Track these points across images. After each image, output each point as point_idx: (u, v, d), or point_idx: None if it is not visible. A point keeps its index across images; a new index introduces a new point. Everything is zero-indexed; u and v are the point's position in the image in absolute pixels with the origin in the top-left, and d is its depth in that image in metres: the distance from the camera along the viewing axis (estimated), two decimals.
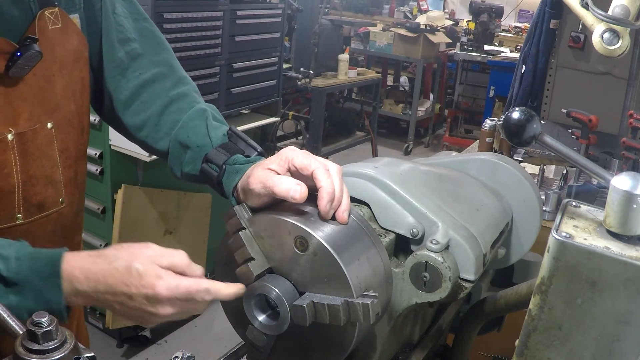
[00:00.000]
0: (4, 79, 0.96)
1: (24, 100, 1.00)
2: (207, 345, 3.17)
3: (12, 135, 0.99)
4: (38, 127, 1.03)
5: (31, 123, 1.01)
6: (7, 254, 0.83)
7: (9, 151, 0.99)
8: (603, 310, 0.76)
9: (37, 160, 1.04)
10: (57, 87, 1.05)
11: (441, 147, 6.99)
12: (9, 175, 1.00)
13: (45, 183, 1.06)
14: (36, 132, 1.03)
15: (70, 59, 1.07)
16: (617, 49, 1.44)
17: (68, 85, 1.08)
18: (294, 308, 0.80)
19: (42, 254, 0.85)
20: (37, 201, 1.05)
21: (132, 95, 1.16)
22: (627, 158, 2.24)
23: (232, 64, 3.25)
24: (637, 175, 0.76)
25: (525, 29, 7.51)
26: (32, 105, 1.01)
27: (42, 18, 1.00)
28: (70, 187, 1.12)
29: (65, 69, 1.07)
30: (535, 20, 3.08)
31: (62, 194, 1.10)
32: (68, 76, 1.07)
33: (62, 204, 1.11)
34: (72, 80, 1.09)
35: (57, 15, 1.03)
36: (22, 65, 0.96)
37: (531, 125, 1.03)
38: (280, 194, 0.85)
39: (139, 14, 1.20)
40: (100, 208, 2.98)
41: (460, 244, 0.91)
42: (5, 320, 0.71)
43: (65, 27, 1.05)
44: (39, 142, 1.03)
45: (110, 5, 1.15)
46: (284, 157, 0.91)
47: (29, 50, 0.96)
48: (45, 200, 1.07)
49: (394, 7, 9.40)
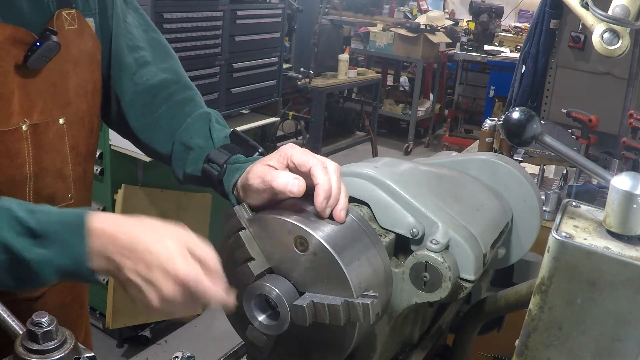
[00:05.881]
0: (22, 70, 0.99)
1: (39, 94, 1.03)
2: (207, 345, 3.17)
3: (27, 126, 1.01)
4: (50, 121, 1.05)
5: (44, 116, 1.04)
6: (35, 208, 0.83)
7: (23, 141, 1.01)
8: (603, 310, 0.76)
9: (48, 153, 1.06)
10: (70, 84, 1.08)
11: (441, 147, 6.98)
12: (22, 166, 1.02)
13: (56, 177, 1.08)
14: (48, 125, 1.05)
15: (85, 60, 1.10)
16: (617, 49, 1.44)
17: (80, 84, 1.10)
18: (294, 308, 0.80)
19: (71, 210, 0.85)
20: (47, 194, 1.07)
21: (138, 99, 1.19)
22: (627, 158, 2.24)
23: (232, 64, 3.25)
24: (637, 175, 0.76)
25: (525, 29, 7.51)
26: (46, 100, 1.04)
27: (59, 17, 1.03)
28: (79, 184, 1.14)
29: (79, 67, 1.09)
30: (535, 20, 3.08)
31: (71, 189, 1.12)
32: (81, 75, 1.10)
33: (71, 199, 1.12)
34: (85, 79, 1.11)
35: (74, 16, 1.06)
36: (41, 56, 0.99)
37: (531, 125, 1.04)
38: (278, 188, 0.86)
39: (148, 25, 1.24)
40: (100, 208, 2.98)
41: (460, 244, 0.91)
42: (5, 320, 0.71)
43: (81, 29, 1.08)
44: (51, 135, 1.06)
45: (122, 14, 1.18)
46: (283, 153, 0.92)
47: (48, 41, 0.98)
48: (55, 193, 1.09)
49: (394, 7, 9.40)
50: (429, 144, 7.35)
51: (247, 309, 0.85)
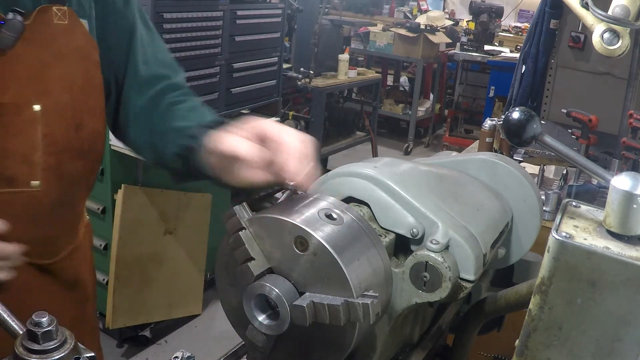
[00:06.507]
0: None
1: (14, 76, 1.06)
2: (207, 345, 3.17)
3: None
4: (23, 104, 1.07)
5: (17, 99, 1.06)
6: None
7: None
8: (603, 310, 0.76)
9: (16, 135, 1.07)
10: (51, 74, 1.10)
11: (441, 147, 6.99)
12: None
13: (20, 160, 1.09)
14: (19, 108, 1.07)
15: (74, 54, 1.13)
16: (617, 49, 1.44)
17: (65, 76, 1.12)
18: (294, 308, 0.80)
19: None
20: (7, 175, 1.08)
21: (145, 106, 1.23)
22: (627, 158, 2.24)
23: (232, 64, 3.25)
24: (637, 175, 0.76)
25: (525, 29, 7.51)
26: (21, 83, 1.06)
27: (48, 11, 1.07)
28: (49, 173, 1.13)
29: (66, 60, 1.11)
30: (535, 20, 3.08)
31: (37, 177, 1.12)
32: (68, 68, 1.12)
33: (35, 187, 1.12)
34: (72, 73, 1.13)
35: (65, 13, 1.09)
36: (6, 35, 1.02)
37: (531, 125, 1.04)
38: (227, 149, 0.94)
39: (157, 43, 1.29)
40: (100, 208, 2.98)
41: (460, 244, 0.91)
42: (5, 320, 0.71)
43: (72, 26, 1.11)
44: (21, 119, 1.07)
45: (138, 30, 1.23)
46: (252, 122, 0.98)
47: (12, 20, 1.02)
48: (16, 176, 1.09)
49: (394, 7, 9.40)
50: (429, 144, 7.35)
51: (247, 309, 0.85)
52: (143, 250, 3.03)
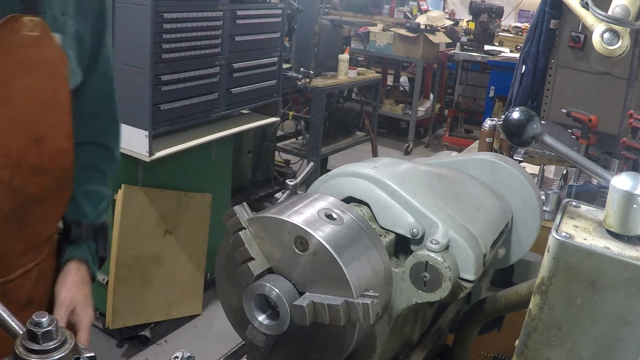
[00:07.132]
0: None
1: None
2: (207, 345, 3.17)
3: None
4: None
5: None
6: None
7: None
8: (603, 310, 0.76)
9: None
10: (11, 84, 1.06)
11: (441, 147, 6.98)
12: None
13: None
14: None
15: (41, 67, 1.10)
16: (617, 49, 1.44)
17: (29, 88, 1.08)
18: (294, 308, 0.80)
19: None
20: None
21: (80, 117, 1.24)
22: (627, 158, 2.24)
23: (232, 64, 3.25)
24: (637, 175, 0.76)
25: (525, 29, 7.51)
26: None
27: (18, 21, 1.04)
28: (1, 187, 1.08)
29: (33, 73, 1.08)
30: (535, 20, 3.08)
31: None
32: (32, 81, 1.08)
33: None
34: (37, 85, 1.09)
35: (37, 24, 1.06)
36: None
37: (531, 125, 1.04)
38: None
39: None
40: None
41: (460, 244, 0.91)
42: (5, 320, 0.71)
43: (43, 38, 1.08)
44: None
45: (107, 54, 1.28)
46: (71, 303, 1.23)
47: None
48: None
49: (394, 7, 9.40)
50: (429, 144, 7.35)
51: (247, 309, 0.85)
52: (143, 250, 3.03)
